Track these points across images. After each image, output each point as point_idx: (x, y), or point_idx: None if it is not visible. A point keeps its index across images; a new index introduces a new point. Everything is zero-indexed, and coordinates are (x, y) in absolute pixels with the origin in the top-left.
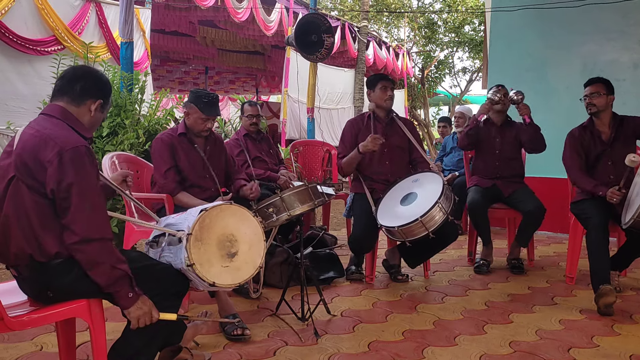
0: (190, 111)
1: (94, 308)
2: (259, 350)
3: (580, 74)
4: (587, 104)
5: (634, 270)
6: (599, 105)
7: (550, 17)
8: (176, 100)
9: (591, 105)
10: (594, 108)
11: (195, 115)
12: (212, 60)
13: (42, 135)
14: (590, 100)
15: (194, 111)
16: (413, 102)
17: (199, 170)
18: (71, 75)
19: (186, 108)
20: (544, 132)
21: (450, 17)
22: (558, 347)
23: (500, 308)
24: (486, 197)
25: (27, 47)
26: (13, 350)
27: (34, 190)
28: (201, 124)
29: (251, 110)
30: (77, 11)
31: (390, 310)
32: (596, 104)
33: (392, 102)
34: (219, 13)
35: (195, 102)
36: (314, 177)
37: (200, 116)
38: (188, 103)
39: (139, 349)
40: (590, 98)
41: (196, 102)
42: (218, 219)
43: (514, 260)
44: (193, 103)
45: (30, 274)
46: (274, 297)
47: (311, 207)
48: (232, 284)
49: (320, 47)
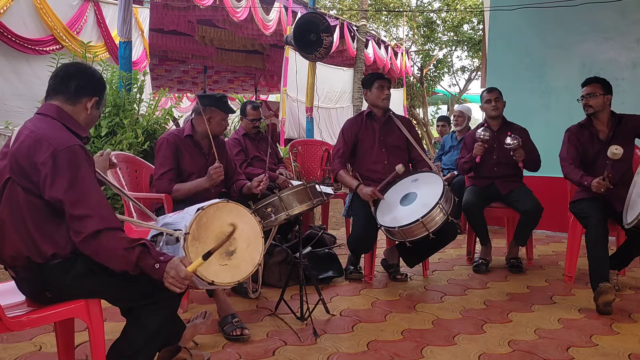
0: (213, 114)
1: (93, 308)
2: (258, 350)
3: (578, 73)
4: (583, 105)
5: (633, 269)
6: (596, 106)
7: (548, 16)
8: (175, 100)
9: (587, 106)
10: (590, 109)
11: (219, 117)
12: (211, 59)
13: (36, 135)
14: (587, 101)
15: (217, 114)
16: (412, 101)
17: (202, 173)
18: (64, 73)
19: (207, 114)
20: (543, 131)
21: (449, 16)
22: (557, 346)
23: (499, 307)
24: (482, 197)
25: (25, 46)
26: (12, 350)
27: (28, 192)
28: (222, 125)
29: (254, 115)
30: (75, 10)
31: (389, 309)
32: (592, 105)
33: (389, 102)
34: (217, 12)
35: (217, 105)
36: (313, 176)
37: (223, 117)
38: (208, 108)
39: (138, 349)
40: (587, 99)
41: (218, 105)
42: (215, 217)
43: (513, 259)
44: (214, 107)
45: (28, 275)
46: (273, 296)
47: (310, 207)
48: (231, 282)
49: (319, 46)
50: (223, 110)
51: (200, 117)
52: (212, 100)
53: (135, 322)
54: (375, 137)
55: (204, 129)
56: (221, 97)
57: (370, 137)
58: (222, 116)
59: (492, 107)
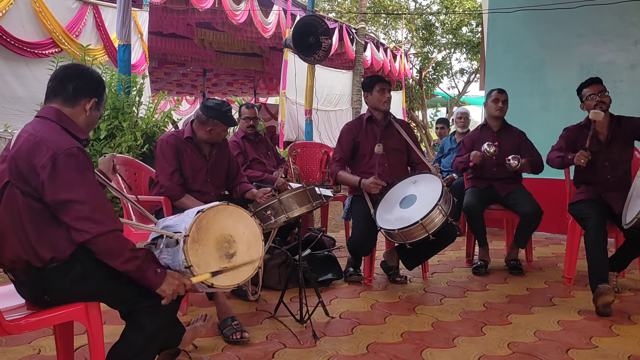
0: (214, 127)
1: (92, 311)
2: (258, 353)
3: (577, 76)
4: (598, 102)
5: (632, 271)
6: (608, 102)
7: (547, 18)
8: (174, 103)
9: (602, 103)
10: (604, 106)
11: (219, 129)
12: (210, 62)
13: (35, 139)
14: (602, 98)
15: (219, 126)
16: (411, 104)
17: (202, 175)
18: (62, 75)
19: (209, 125)
20: (541, 133)
21: (447, 18)
22: (556, 348)
23: (499, 309)
24: (482, 200)
25: (24, 49)
26: (11, 353)
27: (28, 195)
28: (222, 135)
29: (248, 113)
30: (74, 14)
31: (389, 311)
32: (606, 102)
33: (390, 105)
34: (216, 15)
35: (221, 118)
36: (312, 178)
37: (224, 129)
38: (209, 120)
39: (138, 352)
40: (601, 96)
41: (221, 119)
42: (215, 220)
43: (513, 260)
44: (217, 119)
45: (27, 278)
46: (273, 299)
47: (309, 209)
48: (231, 285)
49: (318, 49)
50: (226, 123)
51: (203, 126)
52: (217, 113)
53: (135, 325)
54: (376, 140)
55: (205, 137)
56: (226, 112)
57: (371, 141)
58: (223, 128)
59: (498, 108)
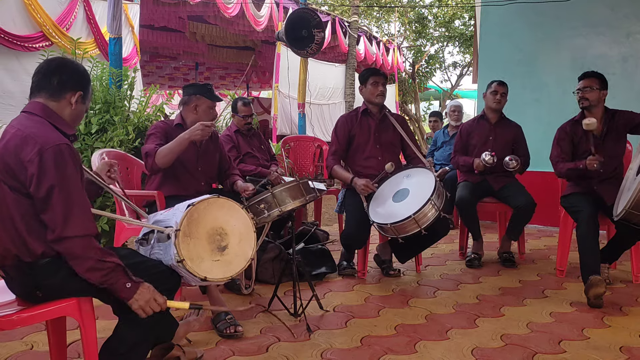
0: (199, 102)
1: (84, 306)
2: (252, 347)
3: (570, 68)
4: (579, 98)
5: (624, 263)
6: (592, 99)
7: (539, 11)
8: (166, 97)
9: (583, 99)
10: (586, 102)
11: (205, 104)
12: (202, 55)
13: (22, 134)
14: (583, 94)
15: (202, 102)
16: (404, 97)
17: (192, 163)
18: (46, 69)
19: (192, 102)
20: (534, 125)
21: (440, 11)
22: (549, 340)
23: (492, 302)
24: (475, 193)
25: (14, 43)
26: (3, 349)
27: (16, 190)
28: (210, 113)
29: (245, 111)
30: (64, 7)
31: (383, 305)
32: (589, 98)
33: (384, 98)
34: (208, 8)
35: (201, 92)
36: (305, 172)
37: (210, 105)
38: (192, 96)
39: (131, 347)
40: (583, 92)
41: (202, 93)
42: (206, 213)
43: (505, 253)
44: (199, 94)
45: (17, 274)
46: (266, 293)
47: (303, 203)
48: (224, 278)
49: (310, 42)
50: (208, 97)
51: (188, 107)
52: (196, 88)
53: (128, 320)
54: (371, 133)
55: (193, 118)
56: (205, 85)
57: (365, 134)
58: (208, 104)
59: (496, 100)
